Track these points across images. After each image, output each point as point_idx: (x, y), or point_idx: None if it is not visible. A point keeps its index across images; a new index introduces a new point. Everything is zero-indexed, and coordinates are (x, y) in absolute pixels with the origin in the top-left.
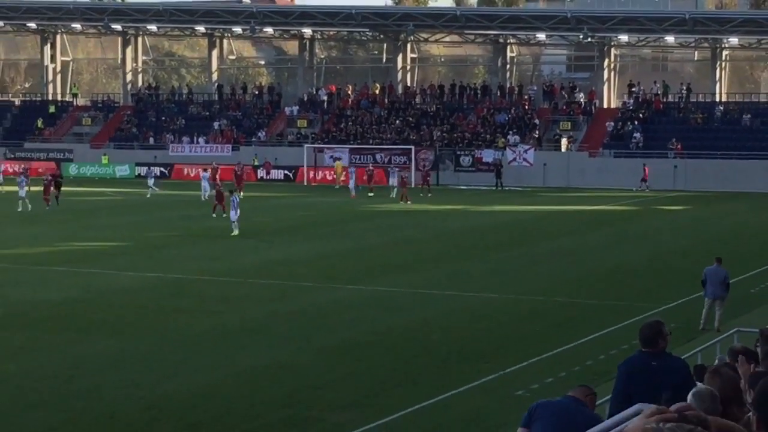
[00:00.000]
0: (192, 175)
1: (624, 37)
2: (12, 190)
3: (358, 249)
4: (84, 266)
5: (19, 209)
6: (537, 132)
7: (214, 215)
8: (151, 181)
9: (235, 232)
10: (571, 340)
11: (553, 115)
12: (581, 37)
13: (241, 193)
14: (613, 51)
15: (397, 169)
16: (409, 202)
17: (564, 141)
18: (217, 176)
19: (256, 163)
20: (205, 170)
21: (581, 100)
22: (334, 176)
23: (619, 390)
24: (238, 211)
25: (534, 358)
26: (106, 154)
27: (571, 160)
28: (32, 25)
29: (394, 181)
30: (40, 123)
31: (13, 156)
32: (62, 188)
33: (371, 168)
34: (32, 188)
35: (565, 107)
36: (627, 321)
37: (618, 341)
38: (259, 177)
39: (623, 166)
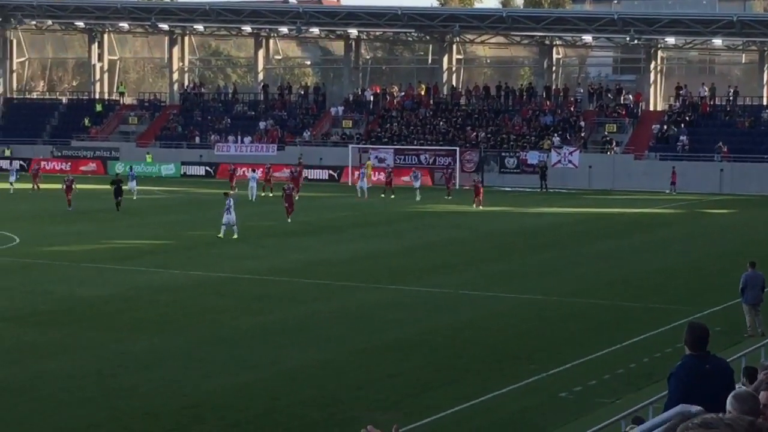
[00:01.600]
0: (238, 174)
1: (671, 40)
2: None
3: (402, 249)
4: (129, 264)
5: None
6: (582, 134)
7: (289, 220)
8: (133, 183)
9: (221, 234)
10: (615, 342)
11: (598, 117)
12: (628, 39)
13: (296, 195)
14: (659, 53)
15: (420, 172)
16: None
17: (613, 144)
18: (270, 178)
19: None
20: (253, 171)
21: (627, 102)
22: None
23: (678, 398)
24: (233, 215)
25: (577, 359)
26: (150, 153)
27: (617, 163)
28: (80, 24)
29: (417, 183)
30: (87, 121)
31: (60, 154)
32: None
33: (391, 169)
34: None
35: (610, 109)
36: (670, 324)
37: (662, 344)
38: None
39: (669, 169)
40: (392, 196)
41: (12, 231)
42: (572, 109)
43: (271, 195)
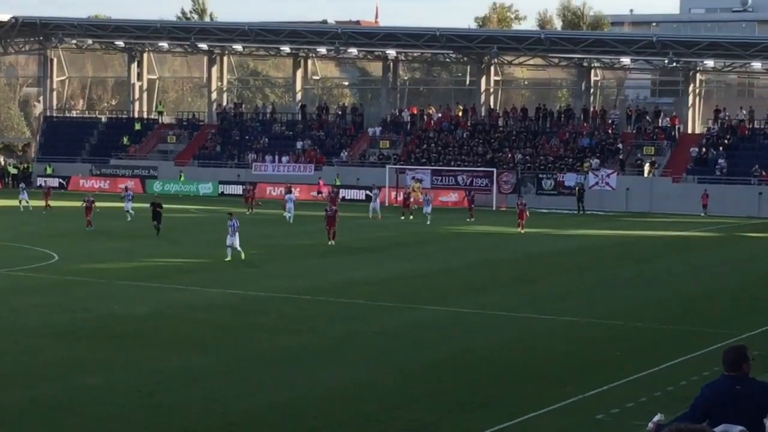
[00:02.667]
0: (275, 194)
1: (710, 63)
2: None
3: (438, 270)
4: (166, 282)
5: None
6: (620, 156)
7: (331, 242)
8: (128, 205)
9: (228, 258)
10: (652, 365)
11: (636, 139)
12: (666, 62)
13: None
14: (698, 76)
15: (431, 195)
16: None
17: (647, 166)
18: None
19: (339, 183)
20: (289, 191)
21: (665, 125)
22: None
23: (697, 405)
24: (237, 236)
25: (614, 382)
26: (182, 173)
27: (654, 186)
28: (120, 43)
29: (428, 208)
30: (125, 140)
31: (98, 172)
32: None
33: (409, 191)
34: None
35: (648, 132)
36: (708, 348)
37: (699, 368)
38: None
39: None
40: (410, 218)
41: (51, 248)
42: (610, 131)
43: (247, 213)
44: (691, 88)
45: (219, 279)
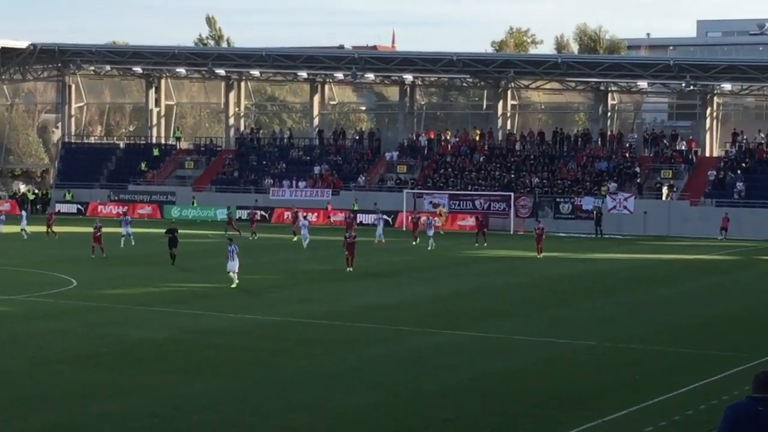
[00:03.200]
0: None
1: (727, 86)
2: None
3: (455, 294)
4: (185, 307)
5: (122, 246)
6: (638, 180)
7: (350, 269)
8: (127, 229)
9: (234, 284)
10: (671, 389)
11: (654, 163)
12: (683, 85)
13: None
14: (715, 99)
15: (434, 219)
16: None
17: (665, 189)
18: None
19: (356, 208)
20: (305, 217)
21: (682, 148)
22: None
23: (722, 428)
24: (237, 261)
25: (633, 406)
26: (195, 198)
27: (672, 209)
28: (138, 69)
29: (430, 232)
30: (143, 166)
31: (117, 198)
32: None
33: (417, 215)
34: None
35: (666, 155)
36: (728, 371)
37: (719, 391)
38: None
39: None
40: (414, 243)
41: (69, 274)
42: (627, 155)
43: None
44: (708, 111)
45: (236, 304)
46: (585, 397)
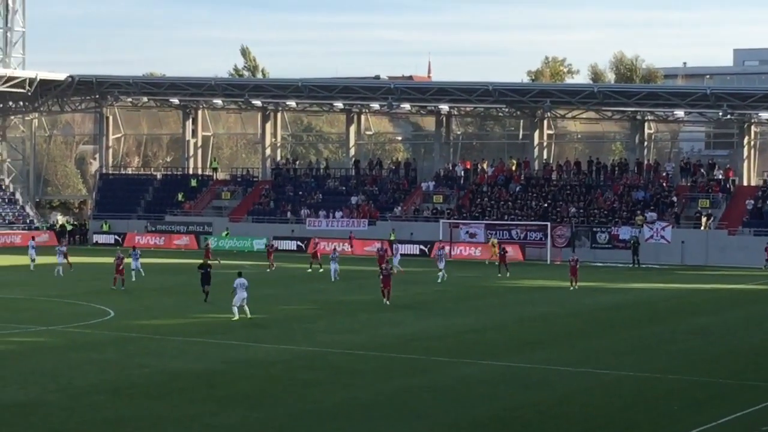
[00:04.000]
0: (329, 250)
1: (765, 115)
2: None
3: (492, 325)
4: (220, 338)
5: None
6: (675, 209)
7: (386, 302)
8: (136, 263)
9: (249, 315)
10: (710, 420)
11: (691, 192)
12: (720, 114)
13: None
14: (753, 128)
15: (445, 251)
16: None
17: (703, 219)
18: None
19: (393, 238)
20: (334, 250)
21: (720, 177)
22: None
23: None
24: (245, 293)
25: None
26: (228, 229)
27: (710, 238)
28: (175, 100)
29: (441, 263)
30: (180, 196)
31: (154, 229)
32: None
33: (442, 245)
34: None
35: (703, 185)
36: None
37: (759, 422)
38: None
39: (763, 245)
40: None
41: (106, 305)
42: (664, 184)
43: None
44: (745, 140)
45: (272, 334)
46: (623, 429)
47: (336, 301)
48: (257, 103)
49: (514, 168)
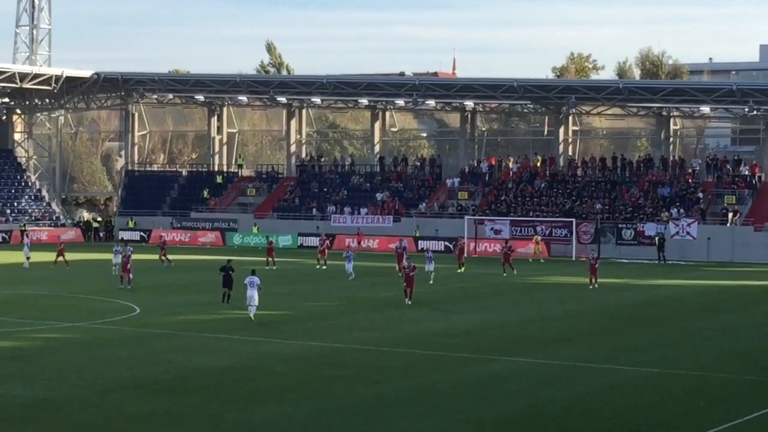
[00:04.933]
0: (353, 246)
1: None
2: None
3: (517, 321)
4: (246, 334)
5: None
6: (701, 205)
7: (408, 302)
8: (117, 259)
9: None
10: (737, 416)
11: (717, 188)
12: (746, 110)
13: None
14: None
15: (432, 254)
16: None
17: (729, 215)
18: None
19: (418, 235)
20: (348, 247)
21: (746, 173)
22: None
23: None
24: (255, 293)
25: None
26: (257, 225)
27: (736, 234)
28: (200, 97)
29: (430, 266)
30: (206, 193)
31: (179, 225)
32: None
33: (462, 241)
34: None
35: (729, 181)
36: None
37: None
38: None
39: None
40: (459, 270)
41: (132, 301)
42: (690, 180)
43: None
44: None
45: (297, 331)
46: (649, 425)
47: (360, 297)
48: (282, 99)
49: (539, 164)
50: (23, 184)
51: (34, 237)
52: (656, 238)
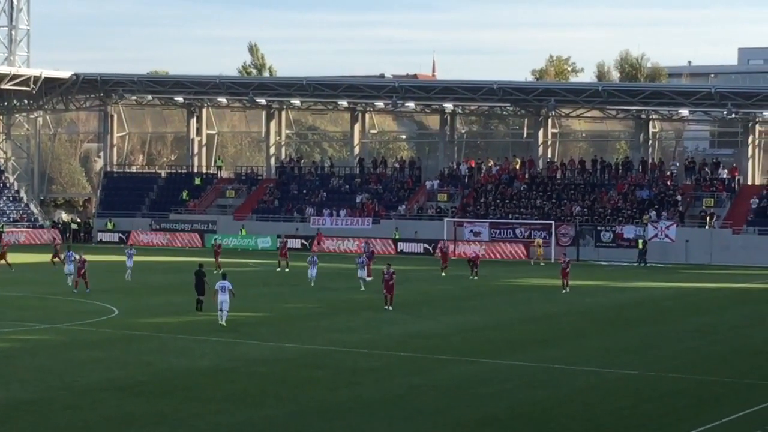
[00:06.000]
0: (332, 248)
1: None
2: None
3: (496, 323)
4: (225, 336)
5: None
6: (679, 208)
7: (388, 307)
8: (130, 261)
9: (221, 322)
10: (715, 418)
11: (695, 191)
12: (725, 113)
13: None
14: (757, 127)
15: (365, 259)
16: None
17: (712, 218)
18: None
19: (398, 237)
20: (311, 254)
21: (724, 176)
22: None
23: None
24: (227, 298)
25: None
26: (244, 227)
27: (714, 237)
28: (179, 99)
29: (363, 273)
30: (185, 195)
31: (158, 227)
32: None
33: (446, 244)
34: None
35: (707, 184)
36: None
37: (762, 422)
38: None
39: (767, 244)
40: (443, 274)
41: (110, 303)
42: (668, 183)
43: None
44: (750, 139)
45: (277, 333)
46: (627, 427)
47: (339, 299)
48: (261, 101)
49: (518, 167)
50: (1, 185)
51: (12, 238)
52: (638, 242)
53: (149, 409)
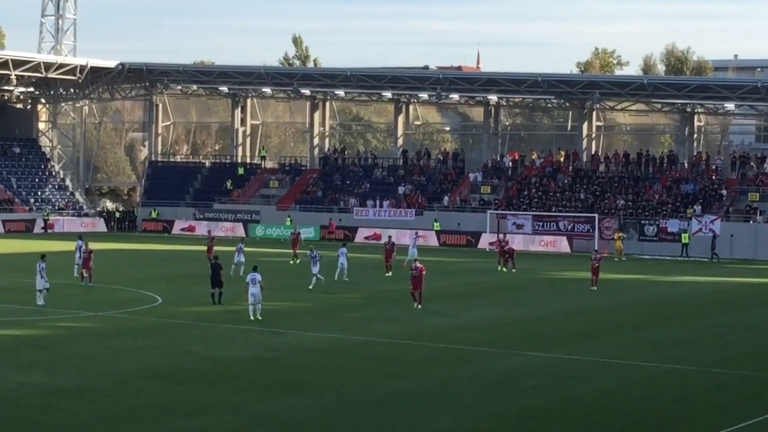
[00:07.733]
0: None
1: None
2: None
3: (538, 316)
4: (267, 326)
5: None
6: (724, 202)
7: (417, 306)
8: (241, 256)
9: (252, 317)
10: (758, 414)
11: (740, 185)
12: None
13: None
14: None
15: (318, 255)
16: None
17: (757, 213)
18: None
19: (438, 228)
20: (311, 250)
21: None
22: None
23: None
24: (258, 291)
25: (719, 431)
26: (290, 216)
27: (759, 232)
28: (224, 89)
29: (315, 268)
30: (229, 184)
31: (202, 216)
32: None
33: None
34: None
35: (753, 178)
36: None
37: None
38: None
39: None
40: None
41: (154, 291)
42: (713, 177)
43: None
44: None
45: (318, 323)
46: (670, 422)
47: (381, 290)
48: (306, 92)
49: (562, 159)
50: (47, 173)
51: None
52: (683, 235)
53: (191, 398)
